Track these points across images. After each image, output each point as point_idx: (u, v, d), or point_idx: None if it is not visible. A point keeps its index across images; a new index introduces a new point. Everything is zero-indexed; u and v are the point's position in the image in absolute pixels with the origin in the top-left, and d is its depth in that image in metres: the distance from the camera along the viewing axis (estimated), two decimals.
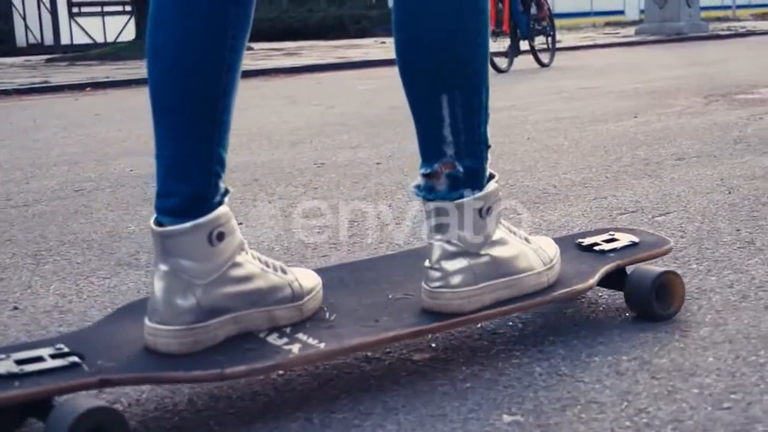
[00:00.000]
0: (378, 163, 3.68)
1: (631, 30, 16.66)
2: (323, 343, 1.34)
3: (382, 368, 1.49)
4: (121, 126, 5.62)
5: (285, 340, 1.35)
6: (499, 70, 8.76)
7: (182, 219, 1.32)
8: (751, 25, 17.78)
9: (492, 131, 3.82)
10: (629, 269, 1.66)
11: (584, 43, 14.04)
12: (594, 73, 8.35)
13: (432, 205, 1.45)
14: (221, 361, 1.28)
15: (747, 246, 2.12)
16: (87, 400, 1.18)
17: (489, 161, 1.47)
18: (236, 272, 1.36)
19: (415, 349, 1.56)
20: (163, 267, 1.32)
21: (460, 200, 1.44)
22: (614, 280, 1.65)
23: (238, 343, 1.34)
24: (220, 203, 1.36)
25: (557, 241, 1.74)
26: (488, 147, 1.48)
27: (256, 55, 13.77)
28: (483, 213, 1.46)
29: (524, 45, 9.45)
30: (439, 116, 1.42)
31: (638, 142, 3.93)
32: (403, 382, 1.43)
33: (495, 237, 1.48)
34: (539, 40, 9.75)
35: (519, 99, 6.20)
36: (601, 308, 1.73)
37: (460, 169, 1.43)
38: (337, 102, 6.53)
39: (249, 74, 10.45)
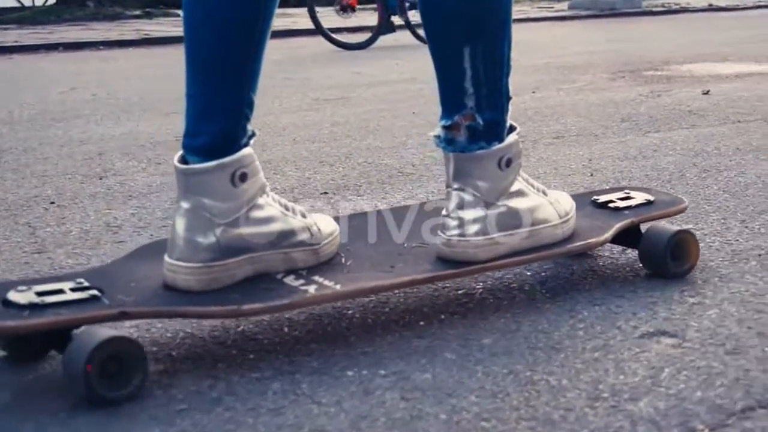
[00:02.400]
0: None
1: (566, 4, 16.52)
2: (339, 284, 1.35)
3: None
4: None
5: (301, 281, 1.36)
6: (343, 46, 8.14)
7: (208, 158, 1.34)
8: (685, 2, 17.72)
9: (379, 105, 3.52)
10: (644, 228, 1.65)
11: (515, 17, 13.86)
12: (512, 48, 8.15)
13: (452, 155, 1.45)
14: (238, 299, 1.29)
15: None
16: (105, 330, 1.18)
17: (510, 113, 1.47)
18: (257, 213, 1.38)
19: (152, 358, 1.34)
20: (185, 205, 1.33)
21: (479, 151, 1.44)
22: (629, 238, 1.65)
23: (255, 282, 1.36)
24: (246, 145, 1.37)
25: (573, 198, 1.72)
26: (509, 99, 1.47)
27: (180, 21, 13.37)
28: (502, 165, 1.46)
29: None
30: (461, 68, 1.42)
31: (524, 118, 3.73)
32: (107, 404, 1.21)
33: (513, 188, 1.48)
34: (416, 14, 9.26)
35: (424, 72, 5.98)
36: (386, 309, 1.52)
37: (480, 121, 1.44)
38: None
39: (165, 41, 10.12)
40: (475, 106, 1.44)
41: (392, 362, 1.30)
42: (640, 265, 1.71)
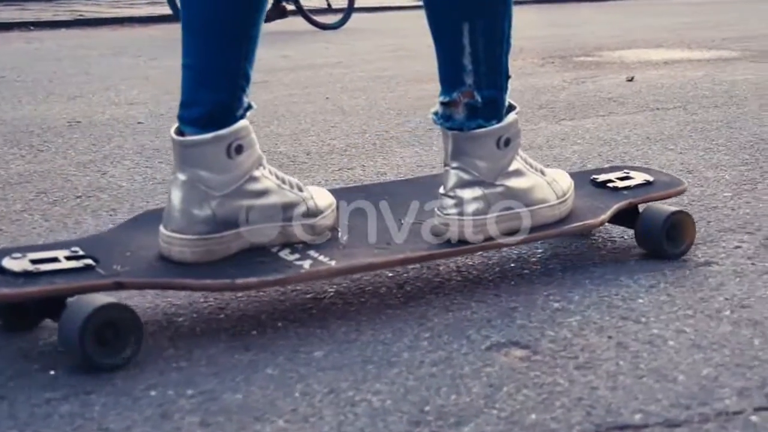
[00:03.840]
0: (140, 123, 3.28)
1: None
2: (334, 261, 1.34)
3: None
4: None
5: (297, 255, 1.35)
6: None
7: (204, 130, 1.33)
8: None
9: (296, 90, 3.37)
10: (641, 208, 1.63)
11: None
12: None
13: (450, 134, 1.43)
14: (233, 272, 1.28)
15: None
16: (100, 297, 1.17)
17: (509, 92, 1.46)
18: (253, 186, 1.36)
19: None
20: (181, 176, 1.32)
21: (477, 130, 1.42)
22: (626, 218, 1.63)
23: (250, 256, 1.34)
24: (242, 117, 1.36)
25: (572, 176, 1.72)
26: (509, 77, 1.46)
27: (120, 2, 13.09)
28: (501, 144, 1.45)
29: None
30: (460, 45, 1.40)
31: None
32: None
33: (511, 168, 1.47)
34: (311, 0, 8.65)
35: (353, 55, 5.84)
36: (221, 315, 1.38)
37: (479, 98, 1.42)
38: (161, 54, 6.07)
39: (100, 23, 9.87)
40: (474, 83, 1.42)
41: (205, 380, 1.17)
42: (512, 265, 1.59)
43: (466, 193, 1.43)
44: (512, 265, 1.59)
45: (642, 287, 1.48)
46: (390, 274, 1.55)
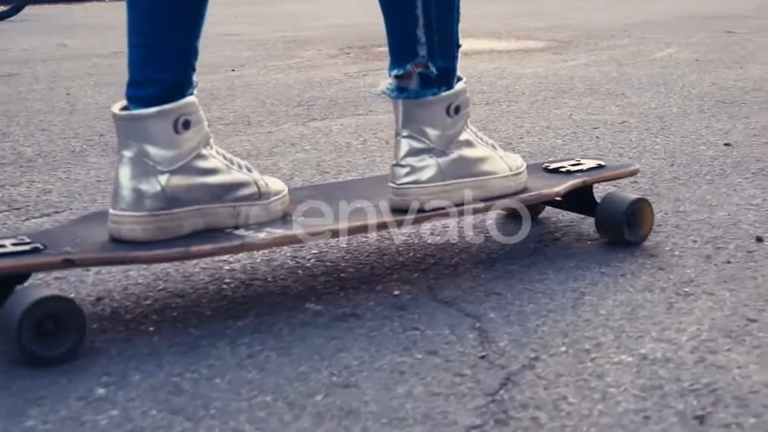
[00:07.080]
0: None
1: None
2: (290, 231, 1.34)
3: None
4: None
5: (252, 231, 1.34)
6: None
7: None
8: None
9: (40, 84, 2.95)
10: (600, 197, 1.63)
11: None
12: (262, 20, 7.64)
13: (400, 102, 1.44)
14: (187, 242, 1.27)
15: None
16: (41, 289, 1.15)
17: (459, 61, 1.48)
18: (201, 164, 1.34)
19: None
20: (127, 153, 1.30)
21: (428, 97, 1.44)
22: (584, 205, 1.66)
23: (203, 232, 1.32)
24: (191, 94, 1.34)
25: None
26: (459, 47, 1.48)
27: None
28: (451, 111, 1.46)
29: None
30: (413, 16, 1.42)
31: None
32: None
33: (462, 138, 1.48)
34: None
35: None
36: None
37: (433, 69, 1.44)
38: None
39: None
40: (428, 54, 1.44)
41: None
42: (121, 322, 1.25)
43: (418, 162, 1.44)
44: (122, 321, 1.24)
45: (238, 357, 1.15)
46: None
